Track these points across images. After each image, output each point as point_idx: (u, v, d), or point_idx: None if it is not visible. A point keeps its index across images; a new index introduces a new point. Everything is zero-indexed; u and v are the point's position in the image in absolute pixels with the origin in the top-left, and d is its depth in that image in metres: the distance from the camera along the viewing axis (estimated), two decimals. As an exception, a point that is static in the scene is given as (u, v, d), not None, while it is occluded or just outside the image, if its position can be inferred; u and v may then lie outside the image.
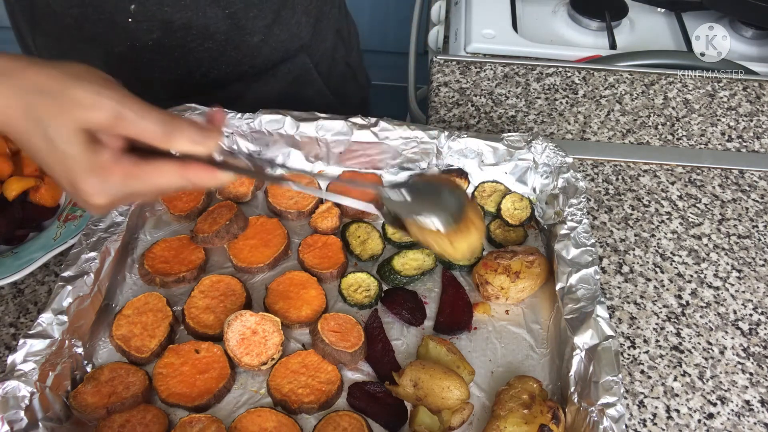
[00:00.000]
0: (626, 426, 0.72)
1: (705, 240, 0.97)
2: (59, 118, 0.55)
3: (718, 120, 1.17)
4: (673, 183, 1.05)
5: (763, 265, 0.94)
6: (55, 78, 0.56)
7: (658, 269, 0.93)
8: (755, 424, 0.78)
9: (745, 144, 1.13)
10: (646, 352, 0.84)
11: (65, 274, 0.75)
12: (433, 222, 0.60)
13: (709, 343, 0.85)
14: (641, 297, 0.89)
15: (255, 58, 1.01)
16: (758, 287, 0.91)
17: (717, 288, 0.91)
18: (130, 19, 0.90)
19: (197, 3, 0.91)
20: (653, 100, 1.20)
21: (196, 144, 0.59)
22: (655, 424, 0.77)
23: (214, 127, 0.60)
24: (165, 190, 0.61)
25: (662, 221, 0.99)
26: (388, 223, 0.63)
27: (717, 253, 0.95)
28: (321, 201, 0.94)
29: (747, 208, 1.02)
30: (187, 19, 0.92)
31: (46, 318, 0.71)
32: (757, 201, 1.03)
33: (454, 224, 0.61)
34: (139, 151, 0.59)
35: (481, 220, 0.63)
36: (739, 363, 0.83)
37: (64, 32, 0.95)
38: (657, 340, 0.85)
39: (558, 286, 0.78)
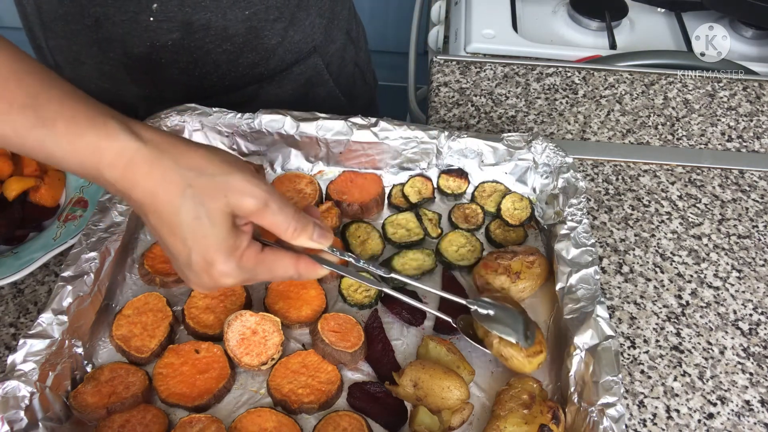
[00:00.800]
0: (626, 426, 0.72)
1: (705, 240, 0.97)
2: (214, 199, 0.59)
3: (718, 120, 1.17)
4: (673, 183, 1.05)
5: (763, 265, 0.94)
6: (213, 162, 0.60)
7: (658, 269, 0.93)
8: (755, 424, 0.78)
9: (745, 144, 1.13)
10: (646, 352, 0.84)
11: (65, 274, 0.75)
12: (515, 337, 0.73)
13: (709, 343, 0.85)
14: (641, 297, 0.89)
15: (270, 60, 1.01)
16: (758, 287, 0.91)
17: (717, 288, 0.91)
18: (151, 18, 0.90)
19: (218, 4, 0.91)
20: (653, 100, 1.20)
21: (314, 242, 0.66)
22: (655, 424, 0.77)
23: (329, 228, 0.68)
24: (278, 278, 0.69)
25: (662, 221, 0.99)
26: (462, 331, 0.77)
27: (717, 253, 0.95)
28: (321, 201, 0.94)
29: (747, 208, 1.02)
30: (206, 20, 0.92)
31: (46, 318, 0.71)
32: (757, 201, 1.03)
33: (530, 343, 0.73)
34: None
35: (545, 341, 0.76)
36: (739, 363, 0.83)
37: (78, 34, 0.95)
38: (657, 340, 0.85)
39: (558, 286, 0.78)
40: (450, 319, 0.77)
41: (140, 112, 1.03)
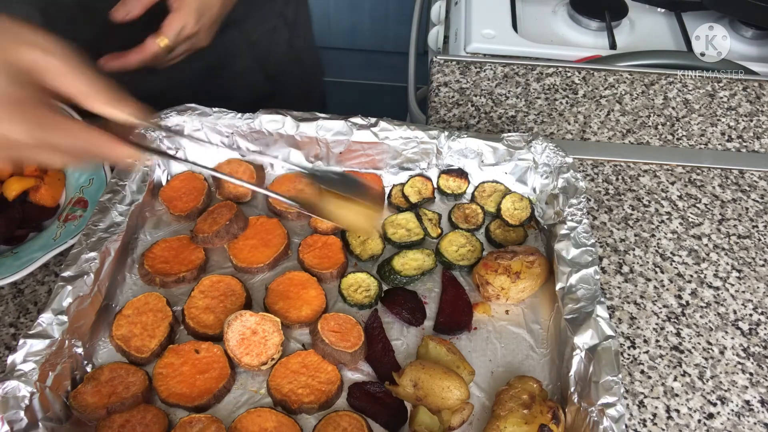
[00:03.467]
0: (626, 426, 0.72)
1: (705, 240, 0.97)
2: (6, 56, 0.56)
3: (718, 120, 1.17)
4: (673, 183, 1.05)
5: (763, 265, 0.94)
6: (3, 16, 0.58)
7: (658, 269, 0.93)
8: (755, 424, 0.78)
9: (745, 144, 1.13)
10: (646, 352, 0.84)
11: (65, 274, 0.75)
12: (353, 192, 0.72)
13: (709, 343, 0.85)
14: (641, 297, 0.89)
15: None
16: (758, 287, 0.91)
17: (717, 288, 0.91)
18: None
19: None
20: (653, 100, 1.20)
21: (111, 106, 0.61)
22: (655, 424, 0.77)
23: (130, 98, 0.64)
24: (68, 149, 0.61)
25: (662, 221, 0.99)
26: (303, 208, 0.76)
27: (717, 253, 0.95)
28: (321, 201, 0.94)
29: (747, 208, 1.02)
30: None
31: (46, 318, 0.71)
32: (757, 201, 1.03)
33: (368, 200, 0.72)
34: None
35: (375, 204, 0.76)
36: (739, 363, 0.83)
37: None
38: (657, 340, 0.85)
39: (558, 286, 0.78)
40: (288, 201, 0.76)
41: None
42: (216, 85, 1.13)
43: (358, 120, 0.93)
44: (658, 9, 1.52)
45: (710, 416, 0.78)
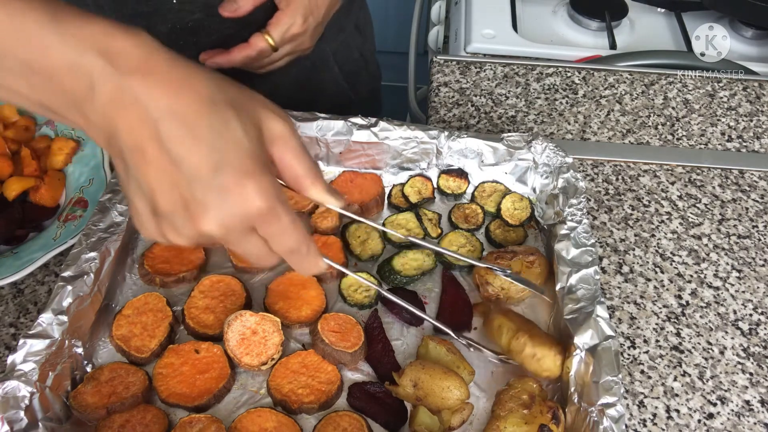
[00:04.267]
0: (626, 426, 0.72)
1: (705, 240, 0.97)
2: (245, 109, 0.51)
3: (718, 120, 1.17)
4: (673, 183, 1.05)
5: (763, 265, 0.94)
6: (237, 80, 0.54)
7: (658, 269, 0.93)
8: (755, 424, 0.78)
9: (745, 144, 1.13)
10: (646, 352, 0.84)
11: (65, 274, 0.75)
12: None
13: (709, 343, 0.85)
14: (641, 297, 0.89)
15: None
16: (758, 287, 0.91)
17: (717, 288, 0.91)
18: (175, 1, 0.90)
19: None
20: (653, 100, 1.20)
21: (329, 195, 0.58)
22: (655, 424, 0.77)
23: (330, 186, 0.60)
24: (292, 235, 0.55)
25: (662, 221, 0.99)
26: (477, 347, 0.77)
27: (717, 253, 0.95)
28: (321, 201, 0.94)
29: (747, 208, 1.02)
30: None
31: (46, 318, 0.71)
32: (757, 201, 1.03)
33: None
34: None
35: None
36: (739, 363, 0.83)
37: (100, 11, 0.93)
38: (657, 340, 0.85)
39: (558, 286, 0.78)
40: (449, 330, 0.76)
41: None
42: (304, 98, 1.11)
43: (358, 120, 0.93)
44: (658, 9, 1.52)
45: (710, 416, 0.78)
